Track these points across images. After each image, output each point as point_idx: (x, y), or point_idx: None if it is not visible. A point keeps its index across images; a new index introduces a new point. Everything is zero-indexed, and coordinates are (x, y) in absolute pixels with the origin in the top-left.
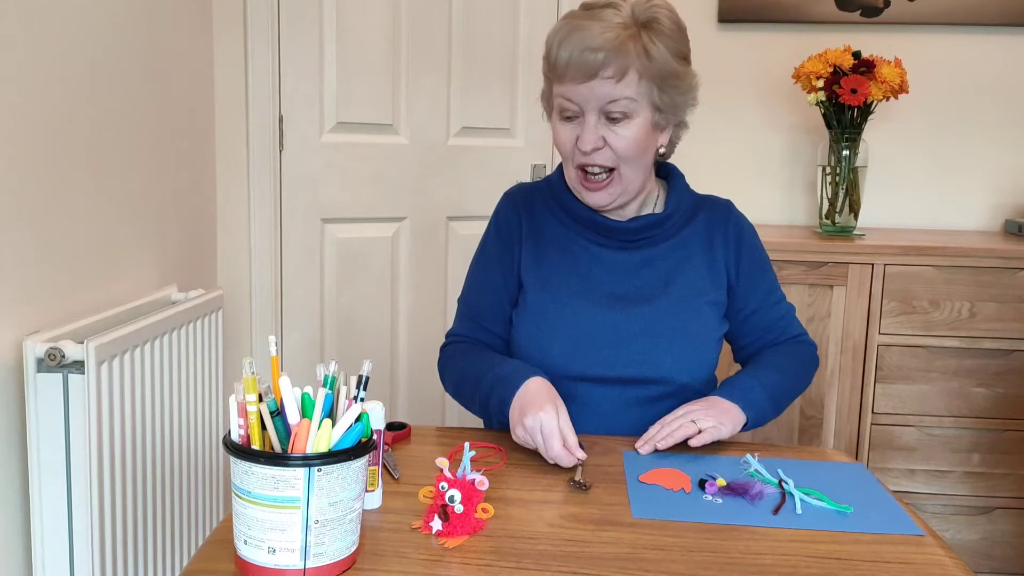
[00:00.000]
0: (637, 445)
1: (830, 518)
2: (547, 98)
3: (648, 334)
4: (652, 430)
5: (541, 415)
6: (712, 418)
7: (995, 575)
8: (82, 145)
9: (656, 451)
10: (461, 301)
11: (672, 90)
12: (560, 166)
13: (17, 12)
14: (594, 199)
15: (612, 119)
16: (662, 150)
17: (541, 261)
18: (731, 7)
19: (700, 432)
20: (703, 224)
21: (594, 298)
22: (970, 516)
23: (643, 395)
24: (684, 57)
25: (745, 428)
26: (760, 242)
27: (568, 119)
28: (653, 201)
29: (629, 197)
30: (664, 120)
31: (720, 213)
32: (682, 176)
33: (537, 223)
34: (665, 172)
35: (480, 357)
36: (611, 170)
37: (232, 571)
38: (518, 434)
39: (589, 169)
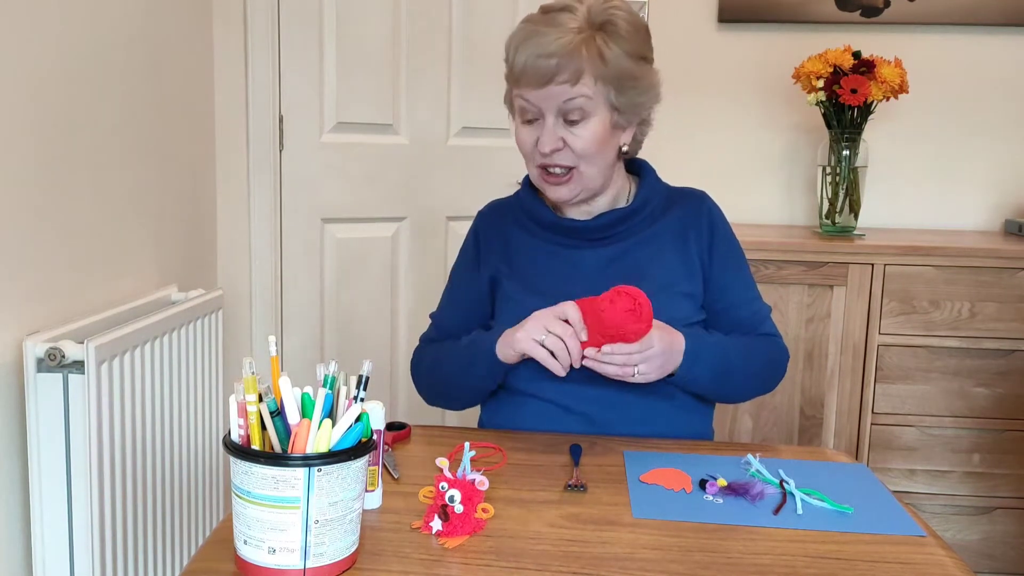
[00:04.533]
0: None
1: (831, 518)
2: (509, 100)
3: None
4: (626, 348)
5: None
6: (654, 371)
7: (995, 575)
8: (82, 145)
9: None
10: (435, 316)
11: (630, 91)
12: (527, 178)
13: (16, 12)
14: (556, 193)
15: (570, 121)
16: (624, 148)
17: (514, 273)
18: (731, 7)
19: (632, 376)
20: (676, 217)
21: (562, 301)
22: (970, 516)
23: (624, 393)
24: (643, 57)
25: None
26: (734, 236)
27: (528, 121)
28: (625, 197)
29: (591, 193)
30: (624, 120)
31: (693, 205)
32: (653, 170)
33: (509, 238)
34: (636, 167)
35: (456, 341)
36: (571, 168)
37: (232, 571)
38: (525, 329)
39: (550, 168)
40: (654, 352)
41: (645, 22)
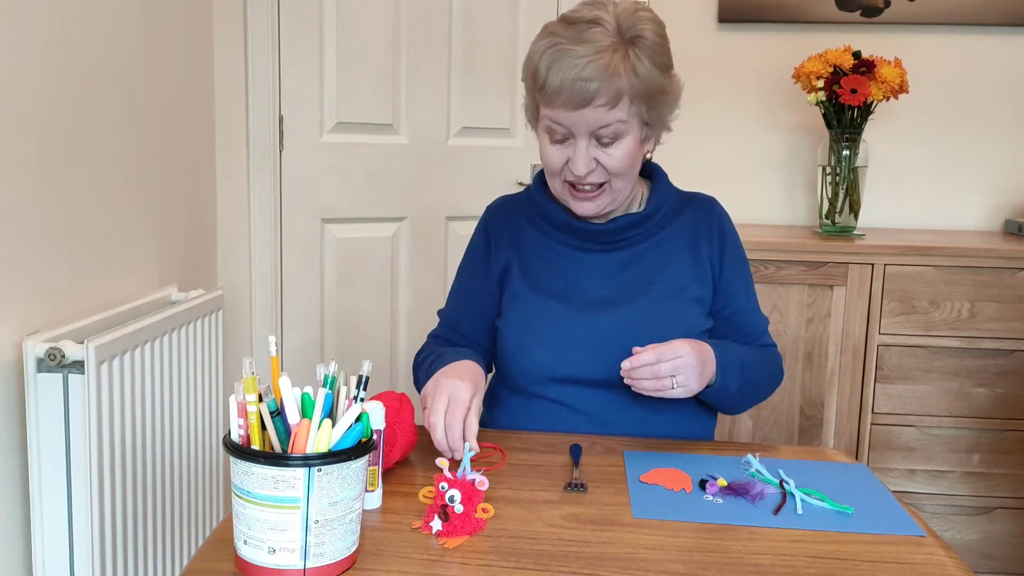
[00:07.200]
0: (624, 365)
1: (831, 518)
2: (532, 111)
3: (630, 335)
4: (642, 359)
5: (459, 383)
6: (694, 381)
7: (995, 575)
8: (82, 145)
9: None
10: (442, 312)
11: (661, 105)
12: (539, 175)
13: (17, 12)
14: (583, 208)
15: (604, 143)
16: (648, 155)
17: (524, 271)
18: (731, 7)
19: (671, 388)
20: (687, 221)
21: (575, 303)
22: (970, 516)
23: (632, 395)
24: (668, 67)
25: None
26: (741, 243)
27: (558, 141)
28: (638, 201)
29: (617, 205)
30: (653, 132)
31: (704, 210)
32: (665, 175)
33: (519, 235)
34: (648, 171)
35: (441, 348)
36: (601, 184)
37: (232, 571)
38: (426, 388)
39: (578, 185)
40: (685, 362)
41: (664, 27)
